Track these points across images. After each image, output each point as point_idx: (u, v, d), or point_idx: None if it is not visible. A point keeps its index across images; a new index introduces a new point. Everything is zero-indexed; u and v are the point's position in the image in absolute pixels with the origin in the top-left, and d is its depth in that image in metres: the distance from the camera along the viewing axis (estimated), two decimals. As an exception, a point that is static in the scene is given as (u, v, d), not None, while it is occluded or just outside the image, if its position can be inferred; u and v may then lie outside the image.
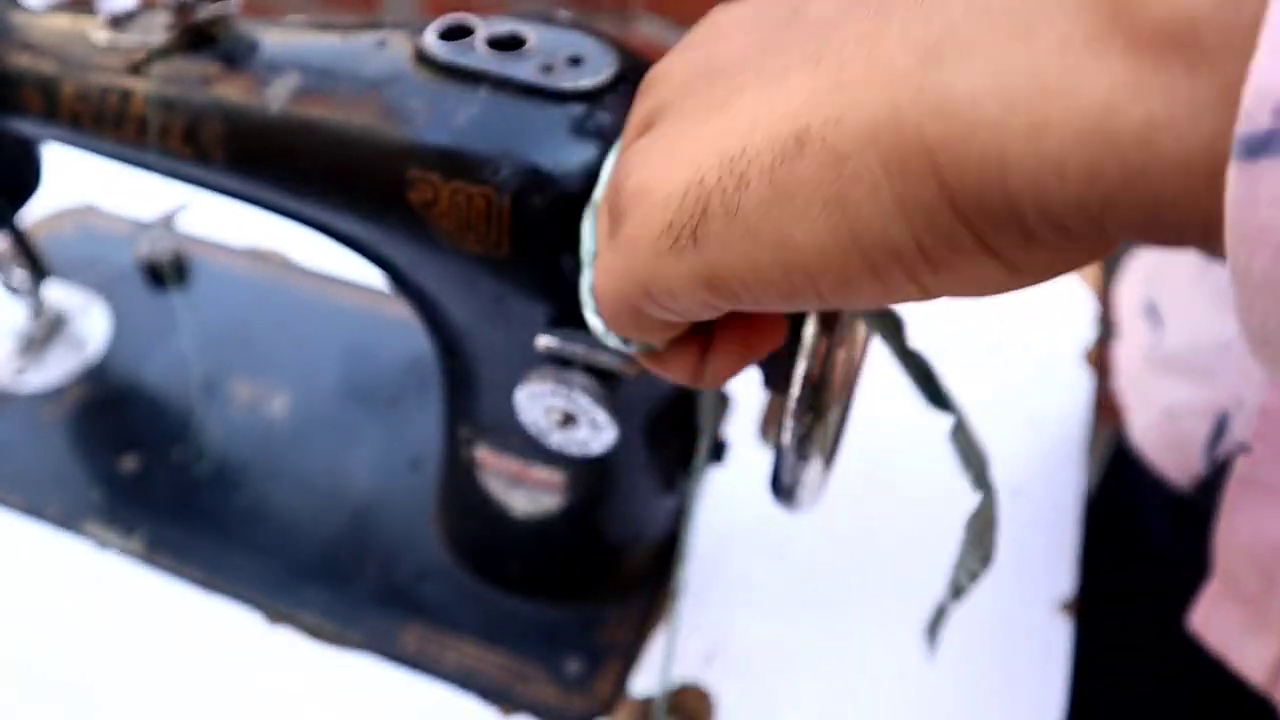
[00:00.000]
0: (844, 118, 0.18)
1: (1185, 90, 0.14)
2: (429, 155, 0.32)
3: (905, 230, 0.18)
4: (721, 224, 0.20)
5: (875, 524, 0.52)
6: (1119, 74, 0.15)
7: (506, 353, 0.37)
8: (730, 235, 0.20)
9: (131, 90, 0.38)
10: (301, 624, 0.47)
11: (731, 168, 0.20)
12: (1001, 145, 0.16)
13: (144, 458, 0.53)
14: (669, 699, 0.45)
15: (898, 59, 0.18)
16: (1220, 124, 0.14)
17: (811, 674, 0.46)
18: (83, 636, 0.47)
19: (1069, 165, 0.15)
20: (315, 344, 0.59)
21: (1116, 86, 0.15)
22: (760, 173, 0.19)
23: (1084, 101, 0.15)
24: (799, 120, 0.19)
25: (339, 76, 0.35)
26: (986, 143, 0.16)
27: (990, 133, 0.16)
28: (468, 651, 0.46)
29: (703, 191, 0.21)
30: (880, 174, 0.18)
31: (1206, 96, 0.14)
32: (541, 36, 0.33)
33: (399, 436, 0.54)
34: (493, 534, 0.47)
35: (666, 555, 0.49)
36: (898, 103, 0.17)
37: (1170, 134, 0.14)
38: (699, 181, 0.21)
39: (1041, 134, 0.16)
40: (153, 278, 0.63)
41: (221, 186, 0.39)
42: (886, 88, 0.18)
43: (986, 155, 0.16)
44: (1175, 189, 0.15)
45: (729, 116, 0.21)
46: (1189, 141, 0.14)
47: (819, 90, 0.19)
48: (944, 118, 0.17)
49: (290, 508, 0.51)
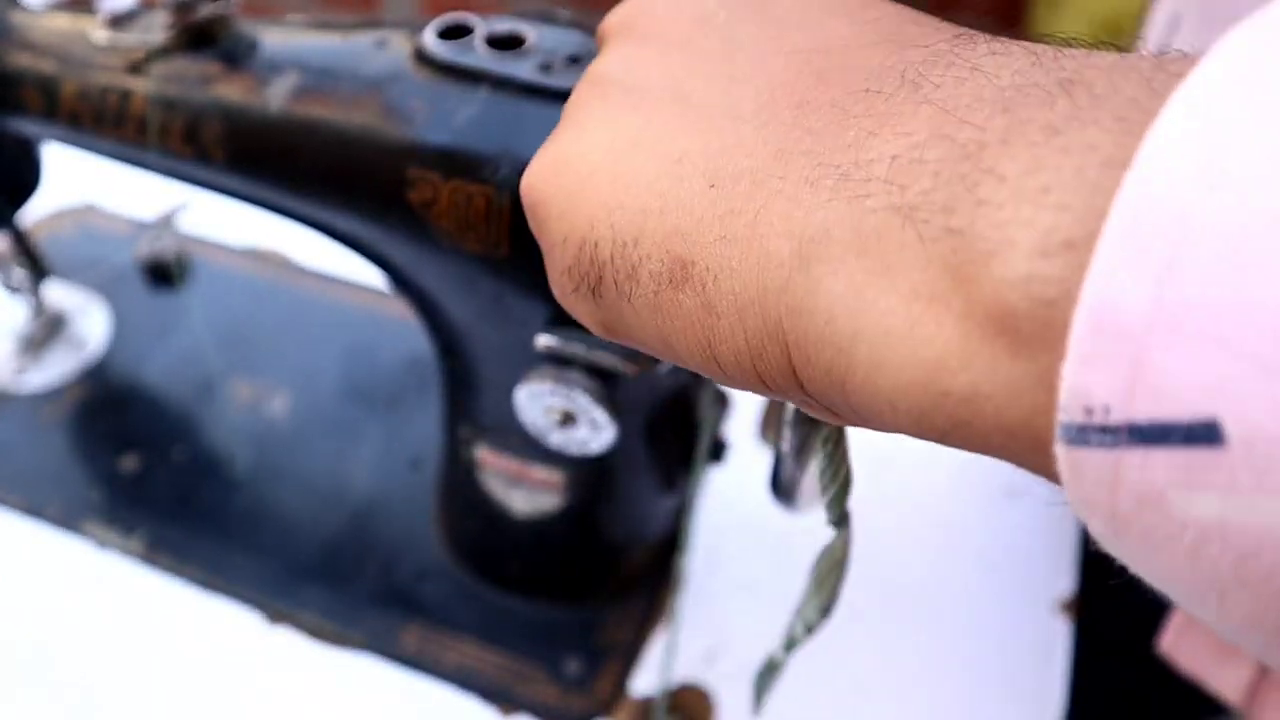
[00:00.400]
0: (720, 277, 0.19)
1: (1005, 370, 0.15)
2: (429, 155, 0.32)
3: (760, 383, 0.20)
4: (615, 298, 0.21)
5: (875, 524, 0.52)
6: (952, 339, 0.16)
7: (506, 352, 0.37)
8: (624, 311, 0.21)
9: (131, 90, 0.38)
10: (301, 624, 0.47)
11: (624, 253, 0.21)
12: (845, 367, 0.17)
13: (144, 458, 0.53)
14: (669, 699, 0.45)
15: (777, 242, 0.18)
16: (1038, 405, 0.15)
17: (811, 674, 0.46)
18: (83, 636, 0.47)
19: (900, 405, 0.17)
20: (315, 344, 0.59)
21: (949, 351, 0.16)
22: (649, 278, 0.20)
23: (920, 355, 0.16)
24: (687, 247, 0.20)
25: (339, 76, 0.35)
26: (832, 360, 0.18)
27: (835, 354, 0.17)
28: (468, 651, 0.46)
29: (597, 257, 0.21)
30: (742, 340, 0.19)
31: (1025, 381, 0.15)
32: (541, 35, 0.33)
33: (399, 436, 0.54)
34: (493, 534, 0.47)
35: (666, 555, 0.49)
36: (767, 288, 0.18)
37: (992, 404, 0.15)
38: (594, 244, 0.21)
39: (879, 372, 0.17)
40: (153, 277, 0.63)
41: (221, 186, 0.39)
42: (761, 268, 0.18)
43: (831, 370, 0.18)
44: (1000, 443, 0.16)
45: (635, 164, 0.21)
46: (1010, 414, 0.15)
47: (707, 221, 0.20)
48: (800, 322, 0.18)
49: (290, 508, 0.51)
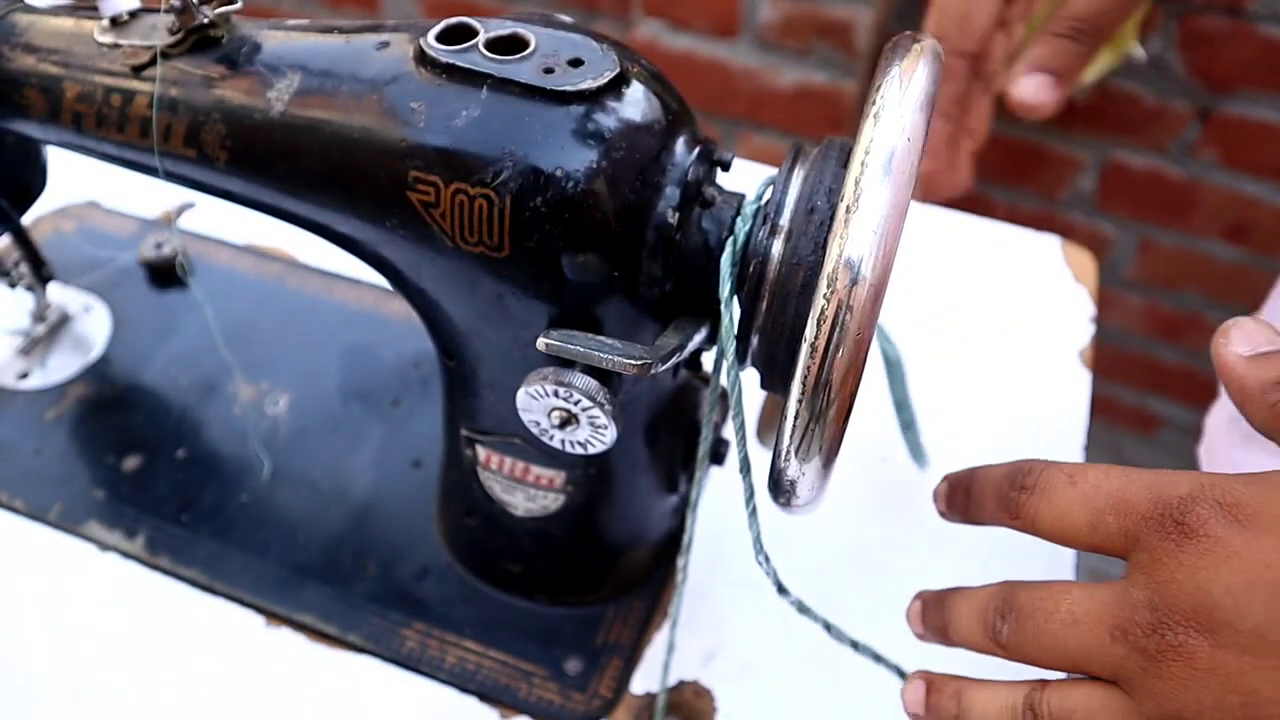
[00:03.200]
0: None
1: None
2: (430, 157, 0.32)
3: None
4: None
5: (875, 524, 0.52)
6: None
7: (507, 353, 0.37)
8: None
9: (134, 91, 0.39)
10: (302, 625, 0.47)
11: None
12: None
13: (146, 458, 0.54)
14: (669, 698, 0.45)
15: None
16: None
17: (811, 674, 0.46)
18: (84, 637, 0.47)
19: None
20: (317, 344, 0.59)
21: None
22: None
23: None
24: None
25: (341, 78, 0.35)
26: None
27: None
28: (468, 651, 0.47)
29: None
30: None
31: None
32: (542, 38, 0.33)
33: (400, 436, 0.55)
34: (493, 534, 0.47)
35: (666, 555, 0.49)
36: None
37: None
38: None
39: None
40: (155, 277, 0.63)
41: (223, 189, 0.39)
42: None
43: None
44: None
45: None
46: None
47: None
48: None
49: (291, 508, 0.52)
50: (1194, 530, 0.26)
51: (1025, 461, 0.32)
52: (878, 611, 0.47)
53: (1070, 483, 0.30)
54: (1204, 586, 0.26)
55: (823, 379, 0.29)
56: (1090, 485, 0.29)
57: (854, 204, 0.28)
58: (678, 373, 0.42)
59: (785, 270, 0.32)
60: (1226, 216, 1.11)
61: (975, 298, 0.64)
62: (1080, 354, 0.61)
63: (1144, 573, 0.27)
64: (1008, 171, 1.17)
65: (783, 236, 0.32)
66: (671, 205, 0.34)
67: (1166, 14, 0.99)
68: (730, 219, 0.34)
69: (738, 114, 1.20)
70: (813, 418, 0.29)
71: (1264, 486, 0.26)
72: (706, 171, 0.36)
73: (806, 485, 0.32)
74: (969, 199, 1.21)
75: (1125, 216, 1.16)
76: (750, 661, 0.47)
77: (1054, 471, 0.31)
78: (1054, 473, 0.31)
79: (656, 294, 0.35)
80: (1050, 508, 0.30)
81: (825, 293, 0.28)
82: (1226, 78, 1.01)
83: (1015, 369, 0.60)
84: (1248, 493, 0.26)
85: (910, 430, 0.52)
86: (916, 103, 0.29)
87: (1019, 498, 0.31)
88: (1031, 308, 0.64)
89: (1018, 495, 0.31)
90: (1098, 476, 0.29)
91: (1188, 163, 1.09)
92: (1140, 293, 1.23)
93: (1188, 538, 0.26)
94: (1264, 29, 0.97)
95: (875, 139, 0.28)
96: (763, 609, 0.48)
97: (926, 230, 0.67)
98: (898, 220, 0.28)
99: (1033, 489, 0.31)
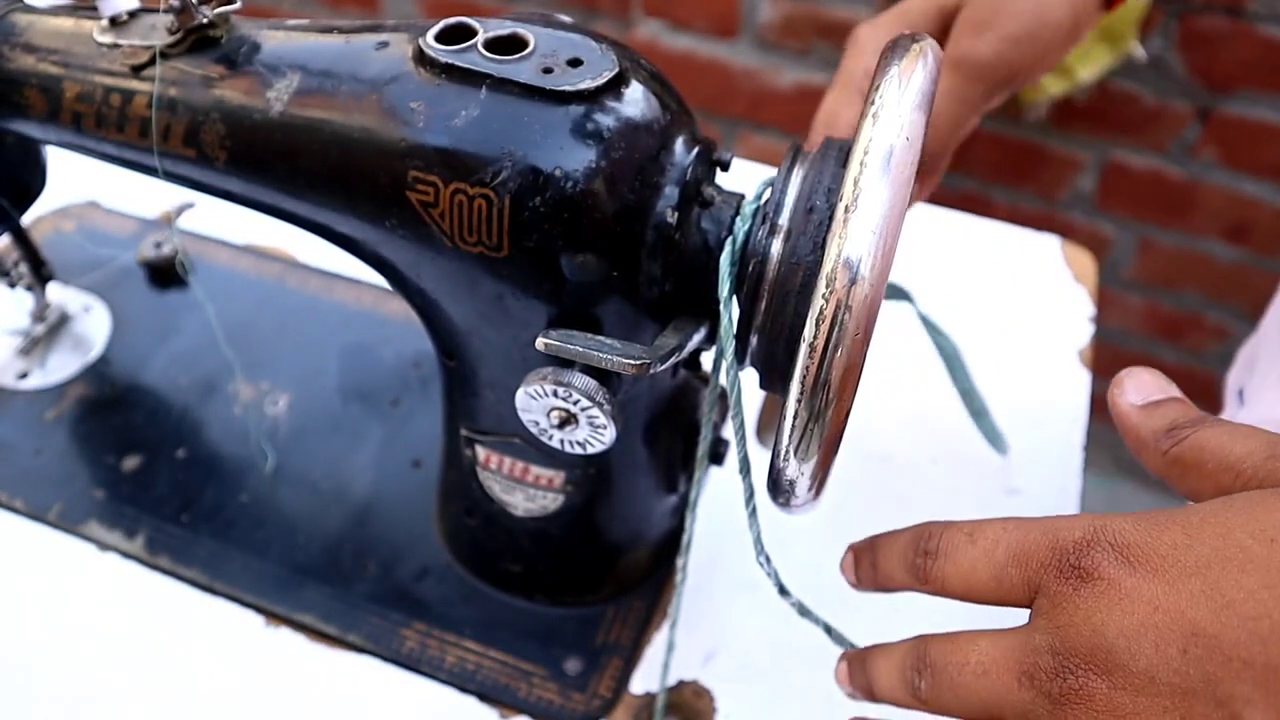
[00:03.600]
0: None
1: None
2: (430, 156, 0.32)
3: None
4: None
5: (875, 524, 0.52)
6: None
7: (506, 353, 0.37)
8: None
9: (134, 91, 0.39)
10: (302, 625, 0.47)
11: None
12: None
13: (146, 458, 0.54)
14: (668, 698, 0.45)
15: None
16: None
17: (811, 674, 0.46)
18: (84, 637, 0.47)
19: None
20: (316, 344, 0.59)
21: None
22: None
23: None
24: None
25: (340, 78, 0.35)
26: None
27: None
28: (468, 651, 0.47)
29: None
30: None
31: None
32: (541, 38, 0.33)
33: (399, 436, 0.55)
34: (493, 534, 0.47)
35: (666, 555, 0.49)
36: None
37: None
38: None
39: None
40: (155, 277, 0.63)
41: (223, 189, 0.39)
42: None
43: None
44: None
45: None
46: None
47: None
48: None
49: (291, 508, 0.52)
50: (1089, 573, 0.27)
51: (925, 525, 0.32)
52: (877, 612, 0.47)
53: (970, 541, 0.30)
54: (1099, 629, 0.26)
55: (822, 379, 0.29)
56: (990, 541, 0.30)
57: (853, 203, 0.28)
58: (677, 372, 0.42)
59: (784, 270, 0.32)
60: (1226, 216, 1.11)
61: (975, 298, 0.64)
62: (1080, 354, 0.61)
63: (1045, 617, 0.27)
64: (1008, 171, 1.17)
65: (782, 236, 0.32)
66: (670, 205, 0.34)
67: (1166, 14, 0.99)
68: (729, 219, 0.34)
69: (738, 114, 1.20)
70: (812, 417, 0.29)
71: (1150, 525, 0.27)
72: (706, 171, 0.36)
73: (805, 485, 0.32)
74: (969, 199, 1.21)
75: (1125, 216, 1.16)
76: (750, 661, 0.47)
77: (953, 532, 0.31)
78: (953, 534, 0.31)
79: (656, 294, 0.35)
80: (956, 569, 0.30)
81: (824, 292, 0.28)
82: (1226, 78, 1.01)
83: (1015, 369, 0.60)
84: (1136, 532, 0.27)
85: (983, 417, 0.52)
86: (915, 102, 0.29)
87: (924, 564, 0.31)
88: (1031, 308, 0.64)
89: (923, 561, 0.31)
90: (996, 531, 0.30)
91: (1188, 163, 1.09)
92: (1140, 293, 1.23)
93: (1084, 581, 0.27)
94: (1264, 29, 0.97)
95: (874, 139, 0.28)
96: (762, 609, 0.48)
97: (926, 230, 0.67)
98: (896, 220, 0.28)
99: (935, 553, 0.31)
